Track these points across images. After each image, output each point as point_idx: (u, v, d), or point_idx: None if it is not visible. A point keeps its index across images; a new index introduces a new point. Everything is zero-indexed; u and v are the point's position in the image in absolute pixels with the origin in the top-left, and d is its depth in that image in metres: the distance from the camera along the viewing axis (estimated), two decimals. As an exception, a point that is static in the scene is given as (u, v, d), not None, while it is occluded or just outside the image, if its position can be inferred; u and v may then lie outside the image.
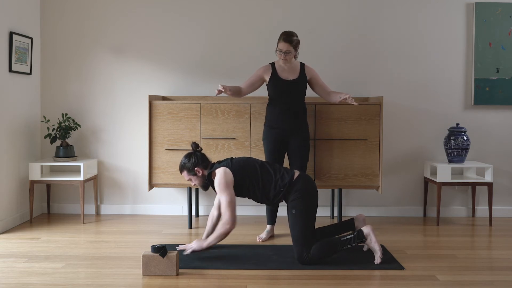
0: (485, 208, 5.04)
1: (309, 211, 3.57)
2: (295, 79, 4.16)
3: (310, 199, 3.59)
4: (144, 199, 5.13)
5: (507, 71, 5.03)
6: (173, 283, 3.17)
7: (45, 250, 3.85)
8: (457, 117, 5.07)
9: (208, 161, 3.73)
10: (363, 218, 3.78)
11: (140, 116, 5.04)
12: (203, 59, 5.07)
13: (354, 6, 5.06)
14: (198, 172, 3.67)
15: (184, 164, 3.70)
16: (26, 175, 4.80)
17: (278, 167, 3.71)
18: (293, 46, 4.07)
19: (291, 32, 4.09)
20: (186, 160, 3.70)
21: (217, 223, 3.83)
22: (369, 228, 3.53)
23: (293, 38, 4.06)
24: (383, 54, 5.07)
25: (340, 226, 3.80)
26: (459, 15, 5.06)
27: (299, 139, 4.18)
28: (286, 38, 4.04)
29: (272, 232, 4.29)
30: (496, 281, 3.23)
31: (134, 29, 5.07)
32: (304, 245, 3.49)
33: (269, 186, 3.62)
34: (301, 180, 3.61)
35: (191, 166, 3.67)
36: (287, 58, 4.08)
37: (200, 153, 3.73)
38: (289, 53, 4.06)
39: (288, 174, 3.64)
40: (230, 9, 5.07)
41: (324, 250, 3.48)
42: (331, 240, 3.53)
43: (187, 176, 3.71)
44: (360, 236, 3.51)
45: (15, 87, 4.63)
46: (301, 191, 3.56)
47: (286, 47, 4.04)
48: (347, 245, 3.49)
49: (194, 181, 3.72)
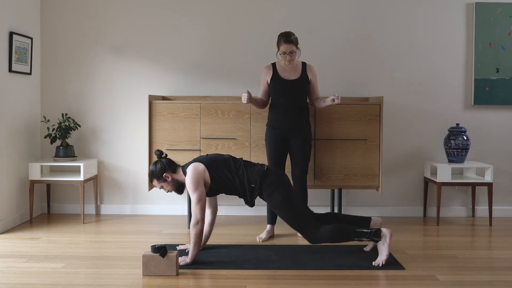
0: (485, 208, 5.04)
1: (289, 198, 3.60)
2: (297, 79, 4.16)
3: (284, 189, 3.61)
4: (144, 199, 5.13)
5: (507, 71, 5.03)
6: (173, 283, 3.17)
7: (45, 250, 3.85)
8: (457, 117, 5.07)
9: (175, 165, 3.71)
10: (380, 222, 3.80)
11: (140, 116, 5.04)
12: (203, 59, 5.07)
13: (354, 6, 5.06)
14: (167, 178, 3.64)
15: (152, 172, 3.67)
16: (26, 175, 4.80)
17: (249, 163, 3.73)
18: (295, 44, 4.08)
19: (288, 32, 4.10)
20: (153, 167, 3.67)
21: (212, 221, 3.85)
22: (388, 231, 3.53)
23: (292, 37, 4.07)
24: (383, 54, 5.07)
25: (355, 219, 3.81)
26: (459, 15, 5.06)
27: (301, 139, 4.18)
28: (287, 39, 4.05)
29: (272, 232, 4.29)
30: (496, 281, 3.23)
31: (134, 29, 5.07)
32: (307, 230, 3.55)
33: (243, 181, 3.63)
34: (271, 174, 3.65)
35: (159, 172, 3.64)
36: (292, 58, 4.09)
37: (166, 159, 3.71)
38: (293, 52, 4.08)
39: (258, 168, 3.67)
40: (230, 9, 5.07)
41: (337, 234, 3.52)
42: (347, 227, 3.56)
43: (158, 183, 3.68)
44: (377, 234, 3.51)
45: (15, 87, 4.63)
46: (273, 185, 3.60)
47: (290, 48, 4.05)
48: (360, 238, 3.51)
49: (166, 187, 3.68)
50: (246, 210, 5.04)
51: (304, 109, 4.22)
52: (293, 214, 3.59)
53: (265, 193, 3.62)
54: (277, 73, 4.17)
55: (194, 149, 4.53)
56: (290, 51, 4.06)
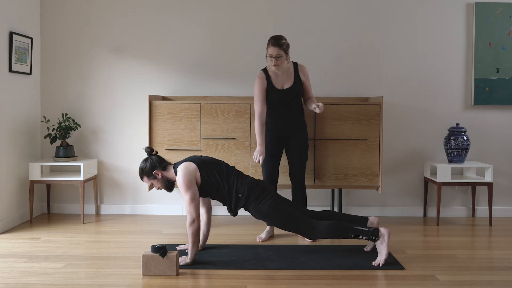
0: (485, 208, 5.04)
1: (276, 205, 3.60)
2: (291, 86, 4.11)
3: (270, 198, 3.62)
4: (144, 199, 5.13)
5: (507, 71, 5.03)
6: (173, 283, 3.17)
7: (45, 250, 3.85)
8: (457, 117, 5.07)
9: (166, 162, 3.71)
10: (377, 222, 3.79)
11: (140, 116, 5.04)
12: (203, 59, 5.07)
13: (354, 6, 5.06)
14: (157, 175, 3.64)
15: (142, 170, 3.66)
16: (26, 175, 4.80)
17: (241, 173, 3.74)
18: (283, 49, 3.99)
19: (279, 36, 4.03)
20: (143, 164, 3.66)
21: (208, 220, 3.85)
22: (387, 231, 3.53)
23: (282, 42, 3.99)
24: (383, 54, 5.07)
25: (352, 218, 3.80)
26: (459, 15, 5.06)
27: (297, 139, 4.18)
28: (275, 42, 3.97)
29: (272, 232, 4.28)
30: (496, 281, 3.23)
31: (134, 29, 5.07)
32: (302, 229, 3.58)
33: (232, 189, 3.63)
34: (257, 187, 3.65)
35: (149, 170, 3.63)
36: (278, 63, 4.00)
37: (156, 156, 3.70)
38: (280, 57, 3.99)
39: (249, 180, 3.68)
40: (230, 9, 5.06)
41: (334, 229, 3.52)
42: (345, 224, 3.55)
43: (148, 181, 3.67)
44: (375, 233, 3.51)
45: (15, 87, 4.63)
46: (259, 198, 3.61)
47: (276, 51, 3.97)
48: (358, 235, 3.50)
49: (156, 184, 3.68)
50: (246, 210, 5.04)
51: (299, 110, 4.21)
52: (283, 219, 3.60)
53: (251, 206, 3.62)
54: (271, 83, 4.10)
55: (194, 149, 4.53)
56: (276, 54, 3.97)
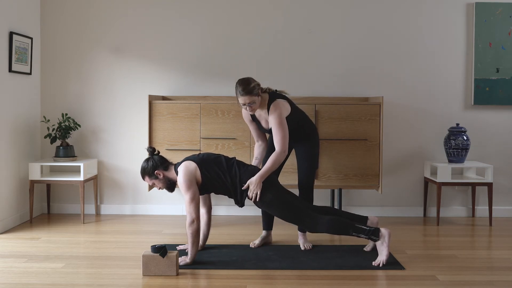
0: (485, 208, 5.04)
1: (280, 195, 3.60)
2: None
3: (273, 187, 3.61)
4: (144, 199, 5.13)
5: (507, 71, 5.03)
6: (173, 283, 3.17)
7: (45, 250, 3.85)
8: (457, 117, 5.07)
9: (167, 162, 3.71)
10: (376, 221, 3.79)
11: (140, 116, 5.04)
12: (203, 59, 5.07)
13: (354, 6, 5.06)
14: (159, 175, 3.64)
15: (144, 169, 3.65)
16: (26, 175, 4.80)
17: (242, 163, 3.71)
18: (255, 94, 3.64)
19: (246, 80, 3.66)
20: (145, 164, 3.66)
21: (208, 220, 3.85)
22: (387, 231, 3.52)
23: (250, 87, 3.63)
24: (383, 54, 5.07)
25: (352, 216, 3.79)
26: (459, 15, 5.06)
27: (302, 146, 3.94)
28: (244, 91, 3.62)
29: (268, 239, 4.05)
30: (496, 281, 3.23)
31: (134, 29, 5.07)
32: (304, 221, 3.55)
33: (235, 179, 3.62)
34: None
35: (151, 169, 3.63)
36: (253, 108, 3.70)
37: (158, 156, 3.70)
38: (253, 103, 3.66)
39: (251, 168, 3.67)
40: (230, 9, 5.06)
41: (336, 225, 3.51)
42: (346, 221, 3.54)
43: (150, 180, 3.67)
44: (375, 233, 3.50)
45: (15, 87, 4.63)
46: (263, 186, 3.58)
47: (248, 99, 3.63)
48: (358, 234, 3.49)
49: (158, 184, 3.68)
50: (246, 210, 5.04)
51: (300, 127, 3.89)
52: (286, 209, 3.58)
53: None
54: (258, 121, 3.88)
55: (194, 149, 4.53)
56: (249, 102, 3.64)
